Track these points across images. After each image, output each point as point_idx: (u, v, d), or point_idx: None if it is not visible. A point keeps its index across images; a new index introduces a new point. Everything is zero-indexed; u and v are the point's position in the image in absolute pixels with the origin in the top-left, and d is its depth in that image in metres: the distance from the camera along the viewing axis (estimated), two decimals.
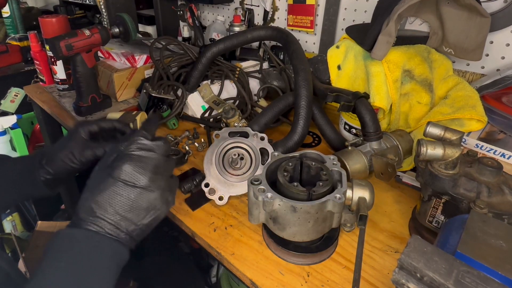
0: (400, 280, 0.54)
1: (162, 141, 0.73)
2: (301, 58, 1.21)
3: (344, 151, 1.02)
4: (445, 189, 0.78)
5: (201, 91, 1.42)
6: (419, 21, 1.19)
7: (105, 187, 0.66)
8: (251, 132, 1.05)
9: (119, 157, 0.69)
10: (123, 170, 0.67)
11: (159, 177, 0.70)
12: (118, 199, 0.66)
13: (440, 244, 0.65)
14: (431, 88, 1.11)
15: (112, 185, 0.66)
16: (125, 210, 0.66)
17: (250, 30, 1.40)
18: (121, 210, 0.66)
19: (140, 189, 0.67)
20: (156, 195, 0.69)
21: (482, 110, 0.99)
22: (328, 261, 0.83)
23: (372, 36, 1.10)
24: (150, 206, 0.68)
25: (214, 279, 1.97)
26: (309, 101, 1.11)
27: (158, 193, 0.69)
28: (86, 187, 0.69)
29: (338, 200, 0.74)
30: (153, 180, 0.69)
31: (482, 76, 1.25)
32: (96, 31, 1.35)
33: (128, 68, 1.58)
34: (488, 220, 0.64)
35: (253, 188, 0.77)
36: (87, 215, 0.65)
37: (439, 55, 1.16)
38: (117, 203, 0.66)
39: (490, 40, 1.21)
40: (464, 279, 0.50)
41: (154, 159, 0.70)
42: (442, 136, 0.81)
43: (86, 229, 0.64)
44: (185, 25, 2.14)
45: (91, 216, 0.65)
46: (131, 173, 0.67)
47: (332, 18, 1.63)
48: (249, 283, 0.80)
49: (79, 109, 1.43)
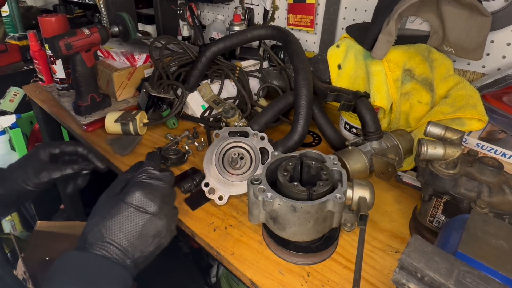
0: (401, 280, 0.54)
1: (169, 172, 0.78)
2: (301, 57, 1.21)
3: (344, 151, 1.02)
4: (445, 189, 0.78)
5: (201, 90, 1.42)
6: (420, 20, 1.19)
7: (117, 212, 0.68)
8: (251, 132, 1.05)
9: (130, 184, 0.72)
10: (135, 196, 0.69)
11: (166, 206, 0.73)
12: (129, 225, 0.67)
13: (440, 244, 0.65)
14: (431, 88, 1.11)
15: (125, 210, 0.68)
16: (135, 236, 0.68)
17: (250, 29, 1.40)
18: (131, 236, 0.67)
19: (150, 216, 0.70)
20: (164, 222, 0.72)
21: (483, 109, 0.99)
22: (328, 261, 0.83)
23: (373, 35, 1.10)
24: (157, 234, 0.71)
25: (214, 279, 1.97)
26: (309, 100, 1.11)
27: (165, 220, 0.72)
28: (94, 213, 0.71)
29: (339, 199, 0.74)
30: (161, 207, 0.72)
31: (482, 75, 1.25)
32: (95, 30, 1.35)
33: (127, 67, 1.58)
34: (489, 220, 0.64)
35: (253, 188, 0.77)
36: (96, 240, 0.66)
37: (440, 54, 1.16)
38: (127, 229, 0.67)
39: (491, 39, 1.21)
40: (465, 279, 0.50)
41: (162, 188, 0.74)
42: (443, 135, 0.81)
43: (95, 254, 0.64)
44: (185, 24, 2.14)
45: (100, 241, 0.65)
46: (143, 199, 0.70)
47: (332, 17, 1.63)
48: (249, 283, 0.80)
49: (79, 108, 1.43)
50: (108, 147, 1.27)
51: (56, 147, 0.91)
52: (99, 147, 1.27)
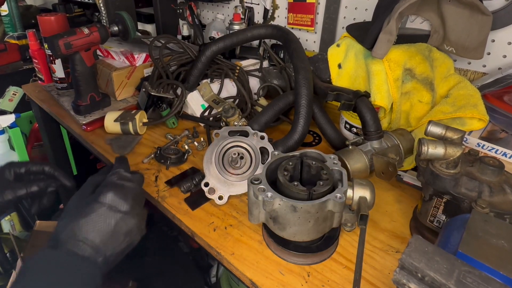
0: (401, 280, 0.54)
1: (139, 174, 0.81)
2: (302, 56, 1.21)
3: (344, 150, 1.02)
4: (446, 189, 0.78)
5: (200, 90, 1.42)
6: (420, 20, 1.19)
7: (90, 211, 0.70)
8: (251, 131, 1.05)
9: (103, 185, 0.75)
10: (108, 195, 0.72)
11: (137, 206, 0.76)
12: (101, 223, 0.69)
13: (441, 244, 0.65)
14: (432, 87, 1.11)
15: (98, 209, 0.70)
16: (107, 234, 0.69)
17: (250, 29, 1.40)
18: (103, 234, 0.69)
19: (122, 215, 0.72)
20: (135, 221, 0.74)
21: (484, 109, 0.99)
22: (328, 261, 0.83)
23: (373, 34, 1.10)
24: (128, 232, 0.72)
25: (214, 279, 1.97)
26: (309, 100, 1.11)
27: (136, 219, 0.74)
28: (65, 213, 0.72)
29: (339, 199, 0.74)
30: (133, 207, 0.74)
31: (483, 74, 1.25)
32: (95, 29, 1.35)
33: (127, 66, 1.58)
34: (490, 220, 0.64)
35: (253, 188, 0.77)
36: (68, 238, 0.67)
37: (440, 53, 1.16)
38: (100, 227, 0.69)
39: (492, 38, 1.20)
40: (465, 279, 0.50)
41: (133, 189, 0.77)
42: (444, 135, 0.81)
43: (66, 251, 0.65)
44: (184, 24, 2.14)
45: (72, 239, 0.67)
46: (115, 199, 0.72)
47: (332, 16, 1.63)
48: (249, 283, 0.80)
49: (78, 108, 1.43)
50: (107, 146, 1.27)
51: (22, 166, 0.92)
52: (99, 147, 1.27)
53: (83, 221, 0.68)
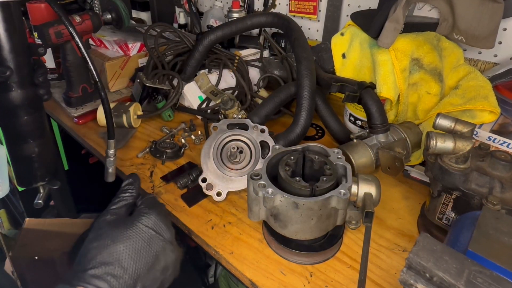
0: (408, 281, 0.54)
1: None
2: (304, 46, 1.20)
3: (349, 144, 1.02)
4: (455, 185, 0.78)
5: (198, 81, 1.41)
6: (428, 7, 1.18)
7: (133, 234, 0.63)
8: (251, 124, 1.04)
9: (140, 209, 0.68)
10: (151, 218, 0.66)
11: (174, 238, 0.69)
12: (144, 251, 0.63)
13: (450, 242, 0.65)
14: (441, 78, 1.10)
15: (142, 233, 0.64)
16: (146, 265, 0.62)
17: (249, 17, 1.39)
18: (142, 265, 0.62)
19: (164, 243, 0.66)
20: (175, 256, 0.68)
21: (495, 100, 0.99)
22: (332, 261, 0.83)
23: (379, 22, 1.10)
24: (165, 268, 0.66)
25: (212, 279, 1.97)
26: (312, 91, 1.10)
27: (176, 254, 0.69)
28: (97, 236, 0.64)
29: (343, 196, 0.74)
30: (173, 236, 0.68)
31: (494, 65, 1.25)
32: (87, 17, 1.34)
33: (121, 56, 1.58)
34: (501, 217, 0.64)
35: (253, 183, 0.77)
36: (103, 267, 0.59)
37: (450, 42, 1.15)
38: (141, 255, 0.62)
39: (503, 27, 1.20)
40: (475, 279, 0.50)
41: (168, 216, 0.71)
42: (453, 128, 0.80)
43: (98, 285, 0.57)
44: (181, 11, 2.13)
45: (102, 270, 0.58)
46: (159, 223, 0.66)
47: (336, 3, 1.62)
48: (249, 283, 0.80)
49: (69, 100, 1.43)
50: (100, 140, 1.27)
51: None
52: (91, 141, 1.27)
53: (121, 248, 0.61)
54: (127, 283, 0.59)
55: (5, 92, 0.82)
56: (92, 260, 0.59)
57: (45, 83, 0.87)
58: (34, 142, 0.90)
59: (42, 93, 0.87)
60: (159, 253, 0.64)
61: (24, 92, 0.84)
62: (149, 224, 0.65)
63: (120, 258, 0.60)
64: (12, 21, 0.80)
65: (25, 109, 0.86)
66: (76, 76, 1.40)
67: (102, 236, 0.63)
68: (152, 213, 0.67)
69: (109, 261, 0.59)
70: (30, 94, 0.86)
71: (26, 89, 0.85)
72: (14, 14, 0.80)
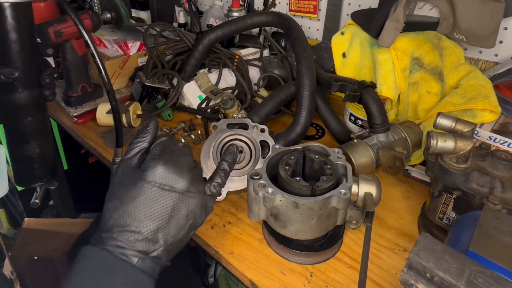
0: (409, 281, 0.54)
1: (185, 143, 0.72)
2: (304, 45, 1.20)
3: (349, 144, 1.02)
4: (456, 184, 0.78)
5: (198, 80, 1.41)
6: (429, 6, 1.18)
7: (138, 193, 0.61)
8: (250, 124, 1.04)
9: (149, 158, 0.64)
10: (157, 172, 0.62)
11: (195, 182, 0.66)
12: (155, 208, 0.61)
13: (451, 242, 0.65)
14: (441, 77, 1.10)
15: (147, 191, 0.61)
16: (164, 219, 0.61)
17: (249, 16, 1.39)
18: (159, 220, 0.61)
19: (178, 194, 0.63)
20: (196, 201, 0.65)
21: (496, 100, 0.99)
22: (332, 260, 0.83)
23: (379, 22, 1.10)
24: (189, 214, 0.64)
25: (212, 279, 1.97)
26: (312, 91, 1.10)
27: (198, 198, 0.66)
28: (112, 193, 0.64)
29: (343, 195, 0.74)
30: (191, 183, 0.65)
31: (495, 64, 1.25)
32: (86, 16, 1.34)
33: (120, 55, 1.58)
34: (502, 217, 0.64)
35: (253, 183, 0.76)
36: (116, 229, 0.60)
37: (450, 42, 1.15)
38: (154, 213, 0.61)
39: (504, 26, 1.20)
40: (476, 279, 0.50)
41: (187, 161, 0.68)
42: (453, 128, 0.80)
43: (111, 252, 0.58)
44: (180, 10, 2.13)
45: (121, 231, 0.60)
46: (168, 175, 0.62)
47: (336, 2, 1.62)
48: (249, 283, 0.80)
49: (69, 99, 1.43)
50: (100, 140, 1.27)
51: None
52: (90, 140, 1.27)
53: (131, 207, 0.60)
54: (145, 237, 0.59)
55: (11, 93, 0.82)
56: (107, 222, 0.60)
57: (51, 84, 0.86)
58: (35, 143, 0.90)
59: (48, 94, 0.86)
60: (175, 205, 0.62)
61: (30, 92, 0.84)
62: (155, 179, 0.61)
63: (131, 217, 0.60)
64: (23, 22, 0.79)
65: (29, 110, 0.86)
66: (75, 75, 1.40)
67: (112, 197, 0.63)
68: (157, 164, 0.62)
69: (121, 222, 0.59)
70: (35, 95, 0.85)
71: (31, 89, 0.84)
72: (26, 14, 0.80)
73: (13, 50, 0.78)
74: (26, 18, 0.80)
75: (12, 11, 0.76)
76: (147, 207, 0.60)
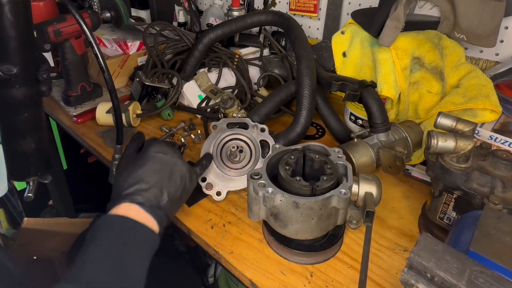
0: (409, 281, 0.54)
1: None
2: (304, 44, 1.20)
3: (349, 144, 1.02)
4: (457, 184, 0.78)
5: (197, 79, 1.41)
6: (430, 5, 1.18)
7: (146, 161, 0.79)
8: (250, 123, 1.04)
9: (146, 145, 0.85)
10: (156, 146, 0.82)
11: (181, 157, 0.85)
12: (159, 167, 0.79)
13: (451, 242, 0.65)
14: (442, 77, 1.10)
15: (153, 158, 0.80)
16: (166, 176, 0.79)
17: (249, 15, 1.39)
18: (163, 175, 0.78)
19: (174, 159, 0.81)
20: (186, 168, 0.83)
21: (497, 99, 0.99)
22: (332, 260, 0.83)
23: (380, 21, 1.10)
24: (183, 176, 0.82)
25: (212, 279, 1.97)
26: (312, 90, 1.10)
27: (188, 166, 0.84)
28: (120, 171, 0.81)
29: (343, 195, 0.74)
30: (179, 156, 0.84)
31: (496, 63, 1.25)
32: (86, 15, 1.34)
33: (120, 55, 1.58)
34: (503, 217, 0.64)
35: (253, 183, 0.77)
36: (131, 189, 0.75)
37: (451, 41, 1.15)
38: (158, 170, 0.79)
39: (505, 25, 1.20)
40: (477, 279, 0.50)
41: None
42: (454, 127, 0.80)
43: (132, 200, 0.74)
44: (180, 10, 2.13)
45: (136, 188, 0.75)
46: (164, 148, 0.82)
47: (337, 1, 1.62)
48: (249, 283, 0.80)
49: (68, 98, 1.43)
50: (99, 139, 1.27)
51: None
52: (90, 140, 1.27)
53: (141, 171, 0.77)
54: (155, 192, 0.76)
55: (8, 89, 0.82)
56: (123, 186, 0.76)
57: (48, 79, 0.89)
58: (31, 138, 0.90)
59: (45, 89, 0.89)
60: (172, 167, 0.80)
61: (27, 88, 0.84)
62: (156, 150, 0.81)
63: (142, 177, 0.77)
64: (22, 18, 0.79)
65: (26, 106, 0.86)
66: (75, 75, 1.40)
67: (124, 169, 0.80)
68: (155, 143, 0.83)
69: (135, 182, 0.76)
70: (32, 91, 0.86)
71: (29, 86, 0.84)
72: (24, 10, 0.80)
73: (12, 47, 0.78)
74: (25, 14, 0.80)
75: (11, 7, 0.76)
76: (153, 168, 0.78)
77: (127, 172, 0.79)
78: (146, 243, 0.72)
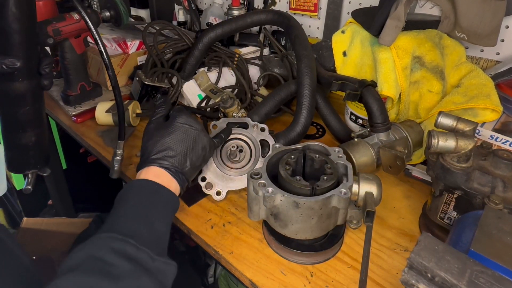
0: (410, 281, 0.54)
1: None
2: (304, 43, 1.20)
3: (350, 143, 1.02)
4: (457, 184, 0.78)
5: (197, 79, 1.41)
6: (430, 4, 1.18)
7: (173, 130, 0.87)
8: (250, 123, 1.04)
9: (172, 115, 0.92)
10: (183, 117, 0.89)
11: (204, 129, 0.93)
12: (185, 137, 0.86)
13: (452, 242, 0.65)
14: (442, 76, 1.10)
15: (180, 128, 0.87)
16: (190, 146, 0.87)
17: (249, 14, 1.39)
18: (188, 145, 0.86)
19: (198, 131, 0.89)
20: (208, 139, 0.91)
21: (497, 99, 0.99)
22: (332, 260, 0.83)
23: (380, 20, 1.10)
24: (203, 147, 0.90)
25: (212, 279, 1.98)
26: (312, 89, 1.10)
27: (208, 137, 0.92)
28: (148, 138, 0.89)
29: (344, 195, 0.74)
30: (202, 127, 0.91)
31: (497, 63, 1.25)
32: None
33: (119, 54, 1.57)
34: (504, 217, 0.63)
35: (253, 183, 0.76)
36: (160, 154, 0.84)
37: (451, 40, 1.15)
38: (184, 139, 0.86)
39: (506, 24, 1.20)
40: (478, 279, 0.50)
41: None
42: (455, 127, 0.80)
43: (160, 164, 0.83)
44: (180, 9, 2.13)
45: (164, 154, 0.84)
46: (190, 119, 0.90)
47: (337, 1, 1.62)
48: (249, 283, 0.80)
49: (68, 98, 1.43)
50: (99, 139, 1.27)
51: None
52: (89, 139, 1.27)
53: (169, 139, 0.85)
54: (180, 159, 0.85)
55: (10, 82, 0.83)
56: (151, 151, 0.85)
57: (50, 73, 0.92)
58: (32, 132, 0.92)
59: (46, 83, 0.91)
60: (196, 137, 0.88)
61: (29, 82, 0.86)
62: (182, 121, 0.88)
63: (170, 145, 0.85)
64: (26, 12, 0.79)
65: (28, 99, 0.87)
66: (74, 74, 1.40)
67: (152, 136, 0.88)
68: (182, 114, 0.90)
69: (163, 149, 0.85)
70: (34, 85, 0.87)
71: (31, 79, 0.86)
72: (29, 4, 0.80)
73: (16, 40, 0.79)
74: (28, 8, 0.80)
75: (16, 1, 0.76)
76: (180, 138, 0.86)
77: (156, 138, 0.86)
78: (170, 204, 0.81)
